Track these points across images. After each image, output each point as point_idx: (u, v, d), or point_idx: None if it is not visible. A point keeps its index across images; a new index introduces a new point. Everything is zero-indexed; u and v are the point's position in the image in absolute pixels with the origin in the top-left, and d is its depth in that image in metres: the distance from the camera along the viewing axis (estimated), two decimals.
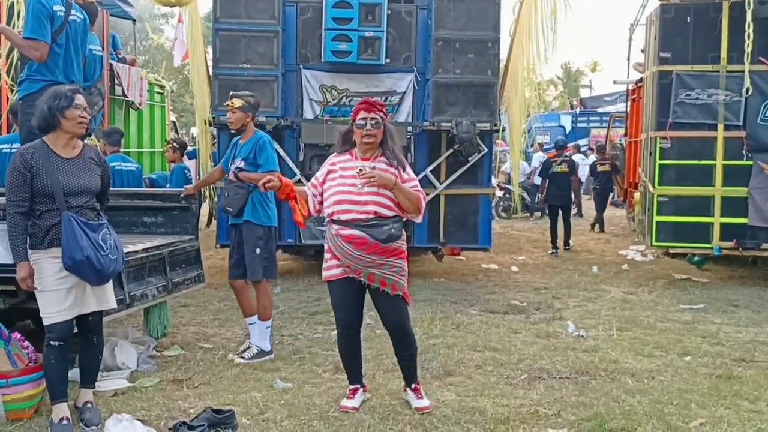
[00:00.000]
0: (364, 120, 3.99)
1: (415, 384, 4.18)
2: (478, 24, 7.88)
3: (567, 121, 26.23)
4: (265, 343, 5.20)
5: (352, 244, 3.92)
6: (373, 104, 4.05)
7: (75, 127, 3.80)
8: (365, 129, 3.98)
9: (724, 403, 4.22)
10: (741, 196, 7.91)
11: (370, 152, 4.05)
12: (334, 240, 4.00)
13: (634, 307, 7.01)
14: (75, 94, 3.82)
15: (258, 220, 5.16)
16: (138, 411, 4.01)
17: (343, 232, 3.94)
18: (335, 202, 3.97)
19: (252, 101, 5.26)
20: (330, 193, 4.01)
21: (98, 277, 3.74)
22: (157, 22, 35.61)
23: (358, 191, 3.93)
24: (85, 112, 3.82)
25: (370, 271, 3.95)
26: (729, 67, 7.83)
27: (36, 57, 4.97)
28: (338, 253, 3.99)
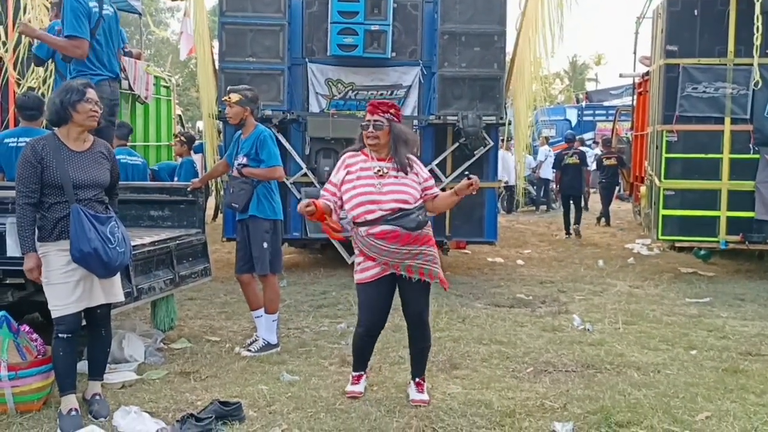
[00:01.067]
0: (367, 122, 4.04)
1: (419, 378, 4.20)
2: (484, 17, 7.85)
3: (573, 115, 26.15)
4: (271, 336, 5.22)
5: (386, 239, 3.92)
6: (378, 106, 4.06)
7: (86, 121, 3.82)
8: (368, 131, 4.02)
9: (731, 397, 4.22)
10: (748, 189, 7.89)
11: (383, 152, 4.05)
12: (365, 241, 3.97)
13: (640, 301, 7.00)
14: (86, 88, 3.85)
15: (263, 214, 5.17)
16: (146, 403, 4.04)
17: (374, 231, 3.93)
18: (358, 204, 3.95)
19: (249, 95, 5.23)
20: (351, 195, 3.98)
21: (106, 269, 3.77)
22: (162, 15, 35.63)
23: (378, 191, 3.94)
24: (96, 105, 3.84)
25: (408, 263, 3.96)
26: (736, 60, 7.80)
27: (78, 55, 5.10)
28: (373, 253, 3.96)
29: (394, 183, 3.97)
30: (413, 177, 4.03)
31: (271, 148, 5.18)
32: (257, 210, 5.16)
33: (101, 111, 3.90)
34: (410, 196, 3.97)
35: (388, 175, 3.98)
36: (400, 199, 3.94)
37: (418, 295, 4.07)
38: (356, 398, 4.14)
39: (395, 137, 4.03)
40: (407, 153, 4.06)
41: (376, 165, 4.01)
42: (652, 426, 3.76)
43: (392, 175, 3.99)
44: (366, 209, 3.94)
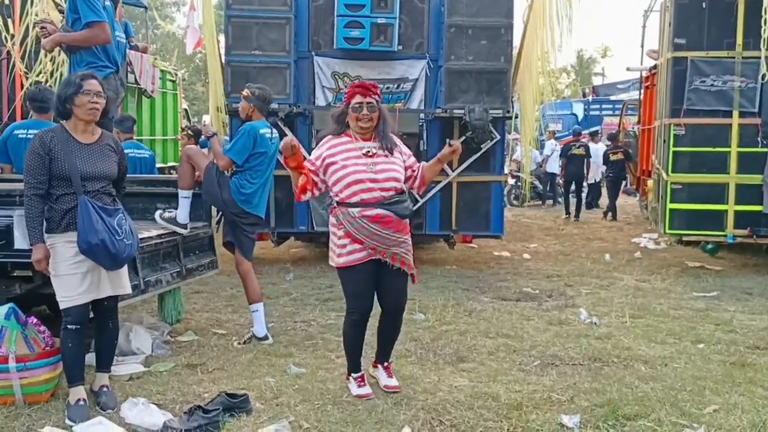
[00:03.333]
0: (360, 105, 3.96)
1: (387, 362, 4.26)
2: (491, 10, 7.83)
3: (579, 109, 26.07)
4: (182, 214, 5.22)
5: (380, 223, 3.89)
6: (368, 87, 4.01)
7: (86, 114, 3.81)
8: (362, 113, 3.95)
9: (738, 390, 4.20)
10: (756, 183, 7.84)
11: (369, 134, 4.02)
12: (357, 223, 3.89)
13: (647, 295, 6.98)
14: (84, 80, 3.82)
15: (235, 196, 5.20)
16: (153, 395, 4.05)
17: (369, 213, 3.88)
18: (354, 182, 3.88)
19: (257, 93, 5.30)
20: (342, 174, 3.90)
21: (113, 261, 3.77)
22: (168, 10, 35.64)
23: (372, 170, 3.90)
24: (96, 97, 3.80)
25: (393, 251, 3.96)
26: (745, 53, 7.75)
27: (103, 39, 5.08)
28: (363, 236, 3.90)
29: (385, 162, 3.95)
30: (398, 156, 4.04)
31: (238, 140, 5.19)
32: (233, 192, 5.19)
33: (103, 102, 3.84)
34: (401, 176, 4.01)
35: (377, 155, 3.96)
36: (395, 178, 3.95)
37: (400, 284, 4.07)
38: (371, 398, 4.02)
39: (383, 118, 4.02)
40: (390, 134, 4.06)
41: (363, 145, 3.96)
42: (659, 419, 3.74)
43: (381, 155, 3.97)
44: (363, 187, 3.88)
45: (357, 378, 4.16)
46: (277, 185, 8.15)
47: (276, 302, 6.53)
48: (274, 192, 8.16)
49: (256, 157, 5.24)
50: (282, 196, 8.22)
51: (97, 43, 5.09)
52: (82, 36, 5.12)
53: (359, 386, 4.12)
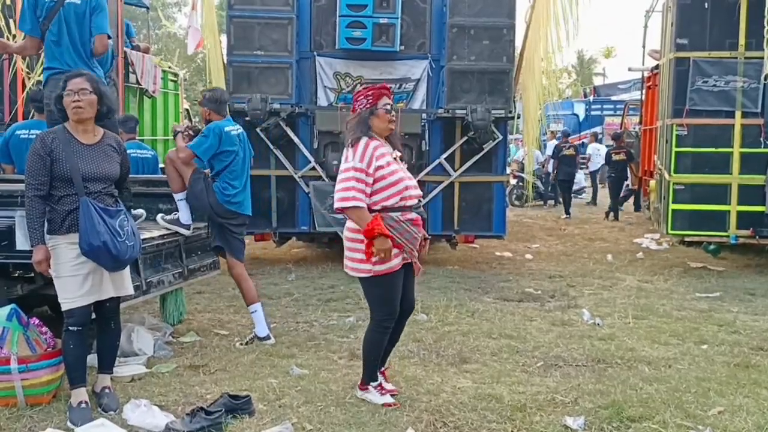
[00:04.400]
0: (390, 105, 3.94)
1: (383, 368, 4.19)
2: (493, 10, 7.82)
3: (580, 109, 26.07)
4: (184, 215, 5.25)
5: (418, 226, 3.92)
6: (389, 89, 4.06)
7: (72, 114, 3.79)
8: (392, 114, 3.93)
9: (743, 392, 4.18)
10: (758, 184, 7.83)
11: (386, 137, 3.98)
12: (400, 227, 3.82)
13: (650, 296, 6.96)
14: (67, 81, 3.81)
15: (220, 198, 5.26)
16: (155, 396, 4.04)
17: (409, 216, 3.88)
18: (403, 189, 3.85)
19: (208, 95, 5.42)
20: (391, 180, 3.82)
21: (115, 262, 3.76)
22: (169, 10, 35.64)
23: (408, 176, 3.95)
24: (79, 95, 3.75)
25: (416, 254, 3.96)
26: (747, 53, 7.73)
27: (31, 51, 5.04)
28: (404, 239, 3.83)
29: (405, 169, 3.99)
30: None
31: (201, 140, 5.23)
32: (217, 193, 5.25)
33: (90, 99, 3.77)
34: None
35: (399, 160, 3.98)
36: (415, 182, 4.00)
37: (413, 284, 4.10)
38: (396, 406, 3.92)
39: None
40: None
41: (391, 150, 3.96)
42: (664, 421, 3.73)
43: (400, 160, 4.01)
44: (409, 194, 3.88)
45: (377, 386, 4.03)
46: (278, 185, 8.18)
47: (278, 303, 6.52)
48: (275, 192, 8.17)
49: (226, 155, 5.29)
50: (283, 196, 8.21)
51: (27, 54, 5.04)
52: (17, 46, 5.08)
53: (382, 394, 3.99)
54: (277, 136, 7.99)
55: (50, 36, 4.94)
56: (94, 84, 3.86)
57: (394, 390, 4.11)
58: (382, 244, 3.72)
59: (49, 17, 4.91)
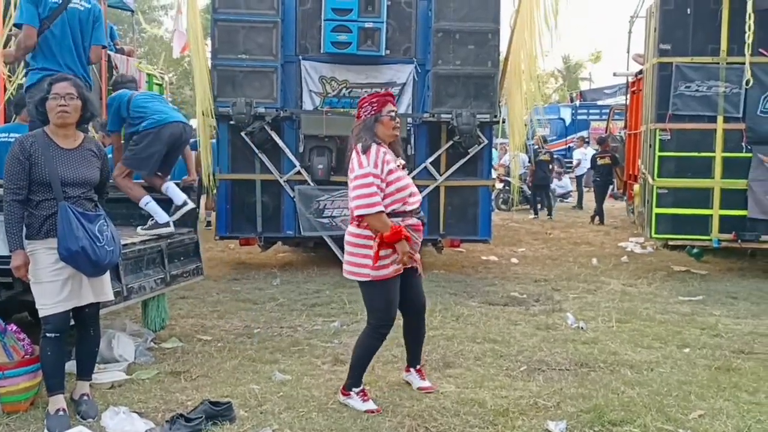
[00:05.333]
0: (394, 112, 4.01)
1: (419, 365, 4.34)
2: (478, 15, 7.84)
3: (567, 114, 26.24)
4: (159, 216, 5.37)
5: (418, 232, 4.03)
6: (394, 95, 4.22)
7: (55, 118, 3.76)
8: (397, 121, 4.01)
9: (723, 395, 4.21)
10: (740, 188, 7.88)
11: (391, 143, 4.06)
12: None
13: (634, 299, 6.99)
14: (53, 84, 3.79)
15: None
16: (135, 403, 4.00)
17: (410, 222, 3.97)
18: (409, 195, 3.98)
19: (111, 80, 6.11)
20: (399, 186, 3.93)
21: (94, 268, 3.73)
22: (156, 13, 35.50)
23: (411, 182, 4.08)
24: (64, 100, 3.74)
25: (417, 256, 4.03)
26: (729, 59, 7.78)
27: (30, 45, 4.95)
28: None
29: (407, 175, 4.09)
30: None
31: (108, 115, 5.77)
32: None
33: (75, 104, 3.77)
34: None
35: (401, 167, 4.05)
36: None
37: (419, 286, 4.19)
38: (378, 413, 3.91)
39: None
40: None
41: (395, 158, 4.04)
42: (645, 424, 3.74)
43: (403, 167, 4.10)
44: (413, 200, 4.00)
45: (359, 392, 4.03)
46: (263, 190, 8.15)
47: (262, 308, 6.50)
48: (260, 197, 8.14)
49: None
50: (268, 200, 8.18)
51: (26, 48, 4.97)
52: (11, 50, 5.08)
53: (364, 401, 3.99)
54: (262, 140, 7.97)
55: (51, 36, 4.98)
56: (79, 89, 3.85)
57: (431, 387, 4.21)
58: (404, 247, 3.85)
59: (51, 17, 4.96)
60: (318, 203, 8.02)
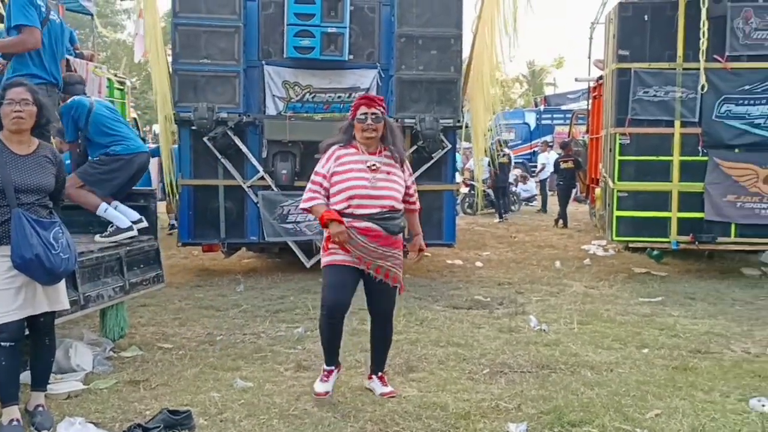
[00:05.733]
0: (365, 115, 4.05)
1: (382, 372, 4.35)
2: (441, 20, 7.90)
3: (531, 119, 26.54)
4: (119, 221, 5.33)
5: (367, 236, 4.01)
6: (373, 99, 4.15)
7: (10, 124, 3.69)
8: (366, 123, 4.04)
9: (680, 394, 4.29)
10: (697, 191, 8.06)
11: (374, 146, 4.11)
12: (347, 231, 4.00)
13: (595, 301, 7.09)
14: (7, 90, 3.73)
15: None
16: (92, 413, 3.93)
17: (358, 225, 4.00)
18: (351, 197, 4.00)
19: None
20: (343, 187, 4.02)
21: (49, 276, 3.66)
22: (118, 18, 35.04)
23: (372, 186, 4.01)
24: (20, 105, 3.68)
25: (378, 263, 4.07)
26: (685, 64, 7.96)
27: (32, 45, 4.98)
28: (350, 246, 4.01)
29: (386, 179, 4.05)
30: (401, 174, 4.14)
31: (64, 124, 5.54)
32: None
33: (30, 110, 3.72)
34: (399, 194, 4.11)
35: (380, 170, 4.05)
36: (392, 196, 4.07)
37: (386, 295, 4.19)
38: (322, 398, 4.11)
39: (391, 130, 4.14)
40: (401, 145, 4.19)
41: (368, 159, 4.06)
42: (603, 425, 3.79)
43: (384, 170, 4.06)
44: (358, 203, 4.00)
45: (325, 371, 4.22)
46: (227, 195, 8.09)
47: (225, 314, 6.44)
48: (223, 202, 8.07)
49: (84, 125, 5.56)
50: (232, 206, 8.12)
51: (24, 48, 4.98)
52: (11, 42, 5.00)
53: (321, 381, 4.19)
54: (225, 145, 7.90)
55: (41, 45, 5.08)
56: (34, 95, 3.80)
57: (392, 392, 4.23)
58: (336, 228, 3.95)
59: (41, 25, 5.05)
60: (282, 209, 7.98)
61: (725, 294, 7.40)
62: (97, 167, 5.48)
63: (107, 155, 5.48)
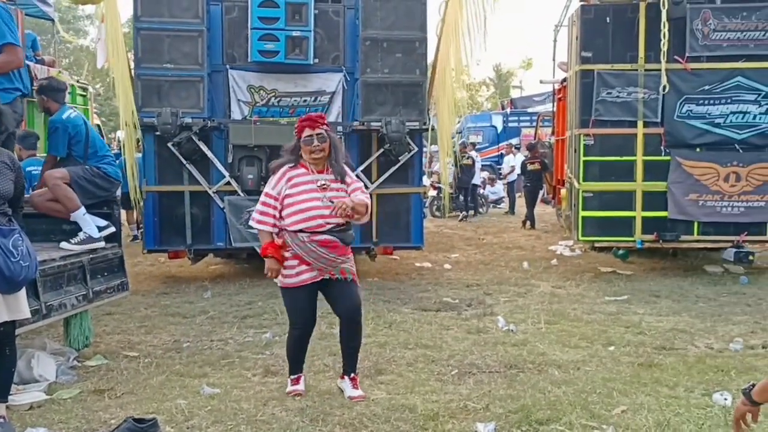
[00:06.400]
0: (310, 137, 4.17)
1: (353, 374, 4.38)
2: (405, 23, 7.92)
3: (498, 121, 26.74)
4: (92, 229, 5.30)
5: (328, 248, 4.15)
6: (316, 120, 4.24)
7: None
8: (313, 145, 4.17)
9: (645, 390, 4.34)
10: (660, 190, 8.20)
11: (322, 164, 4.23)
12: (305, 247, 4.13)
13: (562, 301, 7.17)
14: None
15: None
16: (55, 424, 3.85)
17: (317, 238, 4.13)
18: (306, 218, 4.13)
19: (44, 84, 5.68)
20: (297, 208, 4.15)
21: (8, 284, 3.58)
22: (81, 23, 34.51)
23: (324, 205, 4.14)
24: None
25: (341, 267, 4.24)
26: (646, 65, 8.10)
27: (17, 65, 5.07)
28: (311, 258, 4.15)
29: (336, 197, 4.17)
30: (346, 187, 4.25)
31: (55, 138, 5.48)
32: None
33: None
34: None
35: (330, 188, 4.20)
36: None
37: (350, 291, 4.28)
38: (300, 395, 4.28)
39: (334, 148, 4.25)
40: (342, 162, 4.28)
41: (318, 178, 4.20)
42: (570, 422, 3.82)
43: (333, 188, 4.21)
44: (315, 223, 4.13)
45: (293, 379, 4.41)
46: (192, 201, 8.00)
47: (192, 321, 6.36)
48: (189, 208, 7.99)
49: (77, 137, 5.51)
50: (198, 212, 8.04)
51: (11, 68, 5.07)
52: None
53: (292, 384, 4.38)
54: (190, 150, 7.82)
55: None
56: None
57: (361, 396, 4.26)
58: (271, 264, 4.20)
59: None
60: (248, 214, 7.88)
61: (689, 291, 7.53)
62: (87, 173, 5.48)
63: (98, 169, 5.53)
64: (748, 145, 8.14)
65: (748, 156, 8.12)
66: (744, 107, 8.08)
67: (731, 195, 8.12)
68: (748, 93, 8.07)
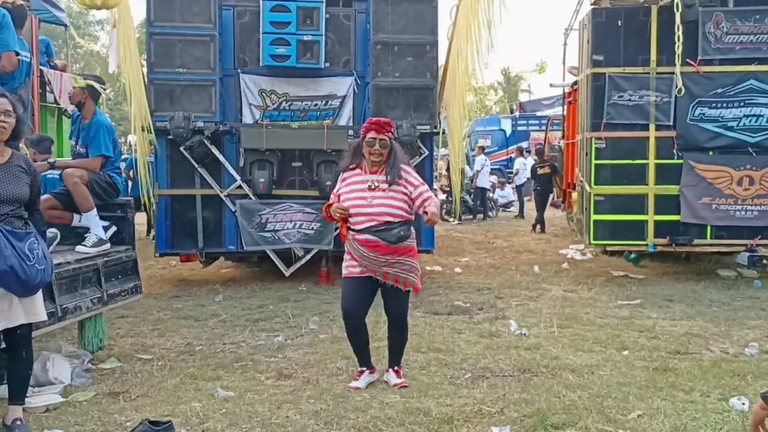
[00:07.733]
0: (373, 140, 4.44)
1: (397, 366, 4.69)
2: (416, 27, 7.93)
3: (507, 125, 26.74)
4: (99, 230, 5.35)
5: (367, 247, 4.39)
6: (383, 125, 4.48)
7: None
8: (374, 148, 4.43)
9: (661, 395, 4.32)
10: (673, 194, 8.16)
11: (378, 166, 4.49)
12: (351, 244, 4.46)
13: (574, 305, 7.14)
14: None
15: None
16: (71, 426, 3.87)
17: (359, 237, 4.42)
18: (351, 215, 4.44)
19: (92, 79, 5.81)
20: (347, 206, 4.46)
21: (24, 287, 3.60)
22: (92, 28, 34.70)
23: (369, 203, 4.41)
24: (3, 116, 3.68)
25: (385, 270, 4.42)
26: (658, 69, 8.07)
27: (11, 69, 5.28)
28: (356, 255, 4.45)
29: (383, 197, 4.41)
30: (402, 189, 4.44)
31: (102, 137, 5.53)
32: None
33: (12, 121, 3.73)
34: (396, 209, 4.43)
35: (378, 188, 4.43)
36: (388, 212, 4.41)
37: (396, 299, 4.53)
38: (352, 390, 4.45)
39: (394, 154, 4.49)
40: (400, 168, 4.48)
41: (369, 179, 4.47)
42: (586, 426, 3.81)
43: (382, 188, 4.43)
44: (356, 220, 4.42)
45: (357, 372, 4.67)
46: (204, 205, 8.03)
47: (204, 324, 6.38)
48: (201, 212, 8.01)
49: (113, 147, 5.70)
50: (209, 215, 8.06)
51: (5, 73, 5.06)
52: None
53: (354, 380, 4.61)
54: (202, 154, 7.85)
55: None
56: (15, 106, 3.80)
57: (404, 383, 4.55)
58: (335, 209, 4.47)
59: None
60: (260, 217, 7.95)
61: (702, 295, 7.49)
62: (100, 178, 5.56)
63: (110, 177, 5.62)
64: (762, 148, 8.08)
65: (761, 159, 8.07)
66: (757, 110, 8.04)
67: (744, 198, 8.07)
68: (761, 96, 8.02)
